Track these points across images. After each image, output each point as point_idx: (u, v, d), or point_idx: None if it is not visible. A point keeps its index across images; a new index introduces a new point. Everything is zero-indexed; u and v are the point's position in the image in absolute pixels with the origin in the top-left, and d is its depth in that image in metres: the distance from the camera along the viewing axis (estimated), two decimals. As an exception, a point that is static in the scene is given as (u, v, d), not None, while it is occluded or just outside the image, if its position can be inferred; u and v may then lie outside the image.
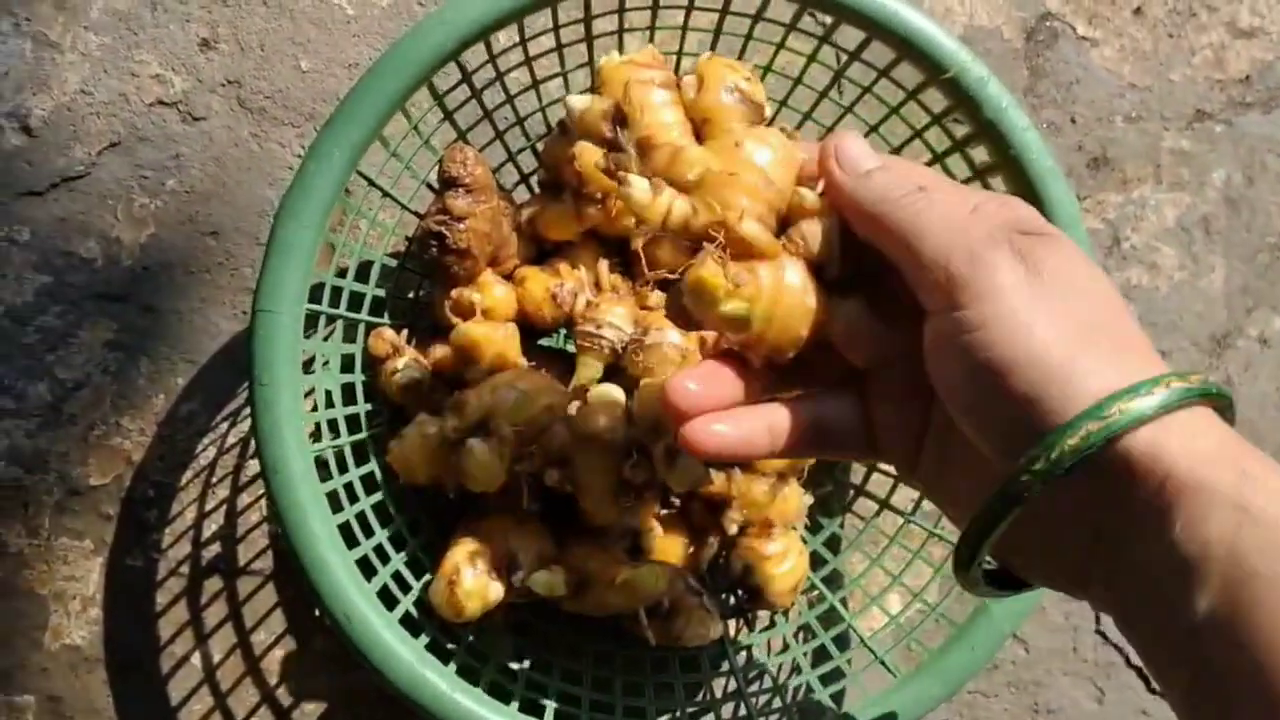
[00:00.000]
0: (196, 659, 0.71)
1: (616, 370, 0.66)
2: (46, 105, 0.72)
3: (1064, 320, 0.36)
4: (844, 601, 0.69)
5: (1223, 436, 0.35)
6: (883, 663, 0.64)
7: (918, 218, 0.39)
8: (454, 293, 0.64)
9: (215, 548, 0.72)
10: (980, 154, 0.61)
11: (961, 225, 0.39)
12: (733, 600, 0.71)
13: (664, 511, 0.68)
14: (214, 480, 0.72)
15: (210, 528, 0.72)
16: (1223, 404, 0.36)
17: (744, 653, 0.72)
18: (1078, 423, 0.34)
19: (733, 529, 0.65)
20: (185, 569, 0.71)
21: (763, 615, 0.71)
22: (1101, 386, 0.34)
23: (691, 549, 0.67)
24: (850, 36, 0.60)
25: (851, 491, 0.72)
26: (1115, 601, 0.36)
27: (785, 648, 0.69)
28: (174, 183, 0.72)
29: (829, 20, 0.59)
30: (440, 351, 0.65)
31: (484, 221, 0.61)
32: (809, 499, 0.68)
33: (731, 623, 0.72)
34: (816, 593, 0.70)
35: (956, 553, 0.39)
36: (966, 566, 0.38)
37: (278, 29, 0.74)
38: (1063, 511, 0.36)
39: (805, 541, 0.70)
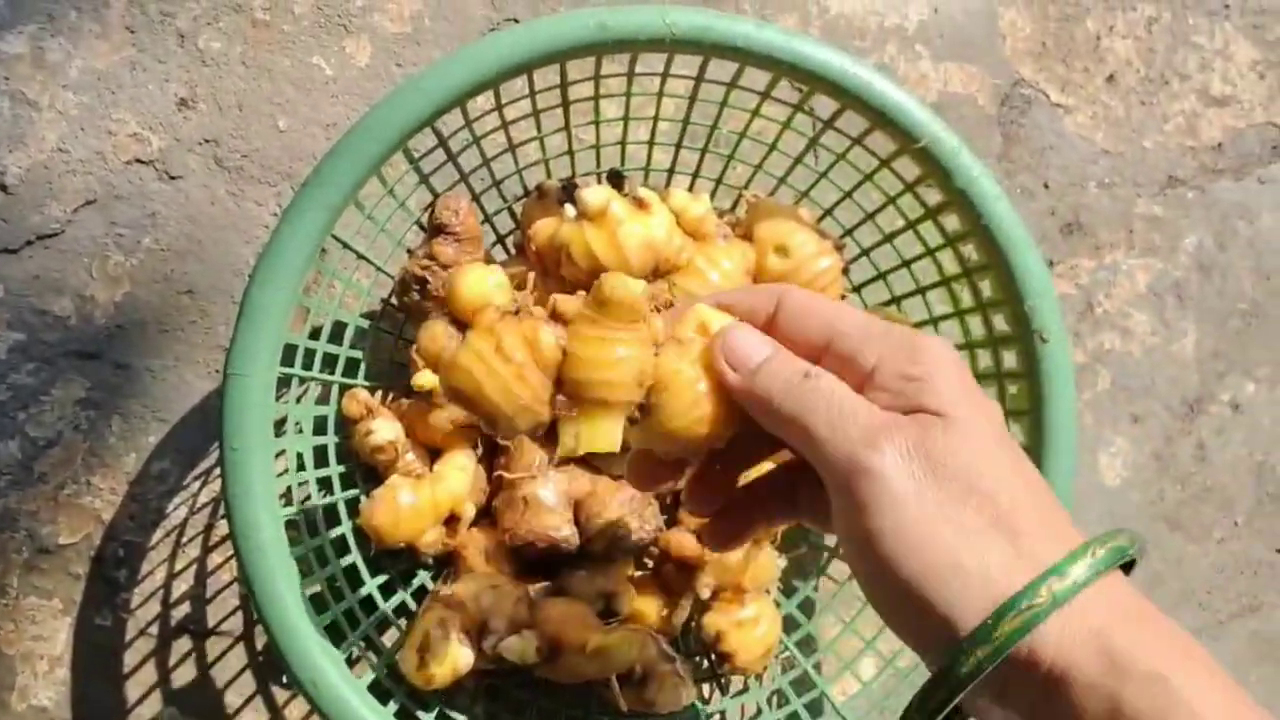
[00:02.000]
0: (164, 721, 0.70)
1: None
2: (23, 163, 0.72)
3: (964, 520, 0.36)
4: (817, 667, 0.69)
5: (1103, 620, 0.34)
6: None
7: (806, 412, 0.38)
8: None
9: (185, 608, 0.71)
10: (952, 222, 0.61)
11: (849, 418, 0.38)
12: (705, 664, 0.71)
13: (638, 574, 0.68)
14: (184, 540, 0.71)
15: (180, 588, 0.71)
16: (1132, 558, 0.37)
17: (717, 717, 0.71)
18: (978, 638, 0.34)
19: (705, 593, 0.65)
20: (155, 629, 0.71)
21: (736, 680, 0.71)
22: (1000, 592, 0.35)
23: (665, 611, 0.67)
24: (825, 104, 0.60)
25: (825, 554, 0.72)
26: None
27: (758, 713, 0.68)
28: (150, 241, 0.72)
29: (803, 88, 0.60)
30: (409, 404, 0.65)
31: (468, 273, 0.62)
32: (783, 562, 0.68)
33: (705, 687, 0.71)
34: (789, 655, 0.70)
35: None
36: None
37: (256, 89, 0.74)
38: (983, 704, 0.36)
39: (779, 604, 0.70)
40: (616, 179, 0.69)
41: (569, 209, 0.60)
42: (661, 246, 0.59)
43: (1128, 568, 0.37)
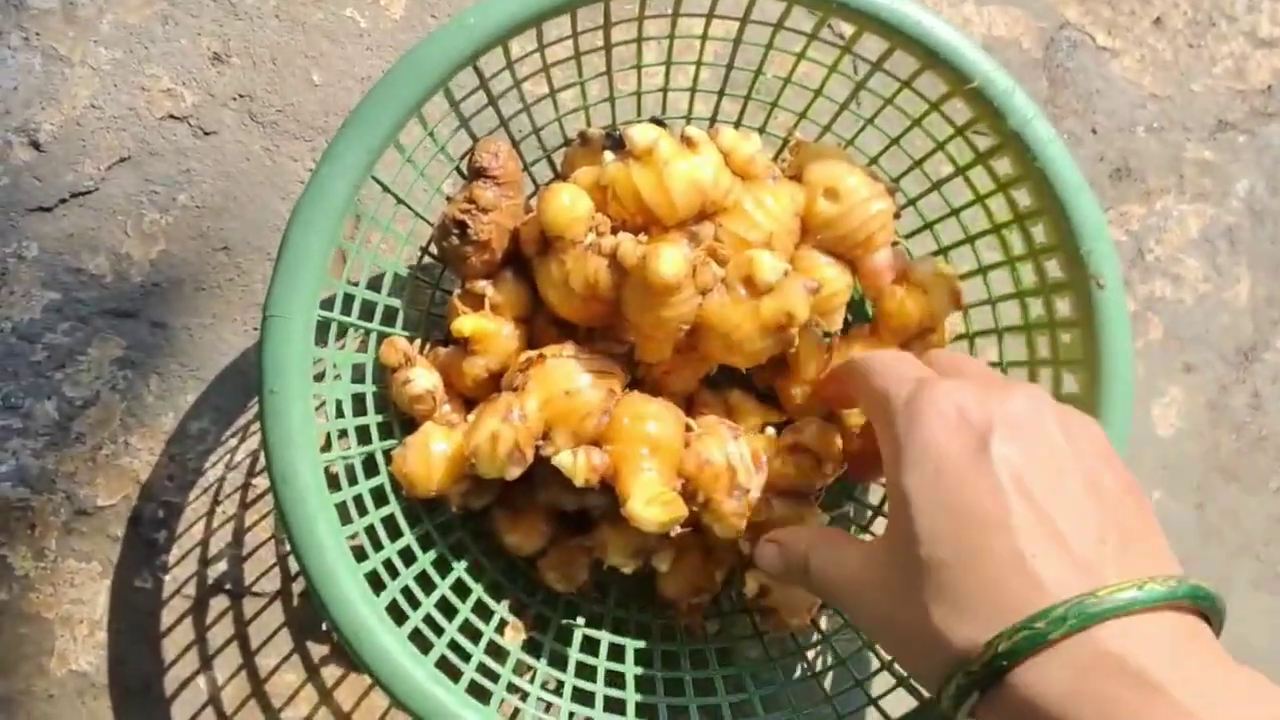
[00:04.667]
0: (204, 683, 0.70)
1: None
2: (56, 120, 0.71)
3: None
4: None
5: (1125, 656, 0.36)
6: (904, 686, 0.62)
7: (827, 572, 0.48)
8: (467, 285, 0.63)
9: (222, 566, 0.70)
10: (1004, 166, 0.60)
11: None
12: (750, 621, 0.70)
13: (678, 530, 0.67)
14: (222, 498, 0.71)
15: (217, 546, 0.70)
16: (1196, 604, 0.38)
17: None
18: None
19: (748, 548, 0.64)
20: (193, 590, 0.70)
21: (779, 638, 0.70)
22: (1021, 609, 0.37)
23: (706, 568, 0.66)
24: (871, 47, 0.59)
25: (870, 512, 0.71)
26: None
27: (803, 672, 0.67)
28: (185, 197, 0.72)
29: (850, 30, 0.59)
30: (446, 353, 0.64)
31: (508, 217, 0.61)
32: (825, 519, 0.66)
33: (750, 648, 0.70)
34: (833, 612, 0.69)
35: None
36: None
37: (290, 43, 0.73)
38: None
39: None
40: (657, 127, 0.68)
41: (608, 155, 0.59)
42: (708, 187, 0.58)
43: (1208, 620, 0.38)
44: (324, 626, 0.70)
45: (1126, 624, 0.36)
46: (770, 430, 0.65)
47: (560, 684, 0.64)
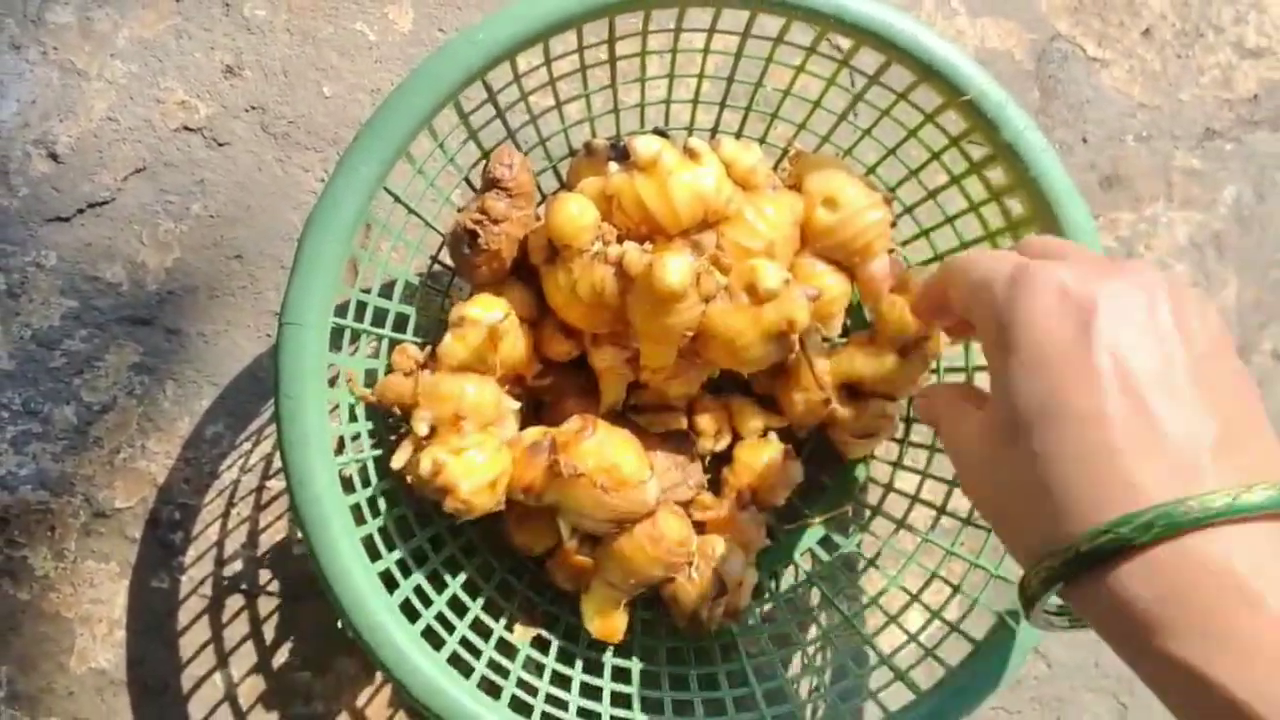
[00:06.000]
0: (221, 681, 0.71)
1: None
2: (73, 132, 0.73)
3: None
4: (861, 620, 0.69)
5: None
6: (903, 680, 0.63)
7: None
8: (476, 296, 0.65)
9: (238, 567, 0.72)
10: (997, 175, 0.61)
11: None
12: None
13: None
14: (236, 500, 0.72)
15: (232, 548, 0.72)
16: None
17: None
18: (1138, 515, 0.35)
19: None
20: (209, 590, 0.72)
21: (781, 633, 0.71)
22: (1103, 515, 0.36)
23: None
24: (868, 61, 0.60)
25: (868, 512, 0.73)
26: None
27: (804, 665, 0.69)
28: (199, 207, 0.73)
29: (847, 44, 0.60)
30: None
31: (519, 227, 0.62)
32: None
33: (752, 643, 0.72)
34: (831, 610, 0.70)
35: (1020, 596, 0.41)
36: (1027, 613, 0.41)
37: (301, 55, 0.75)
38: (1118, 597, 0.36)
39: (823, 562, 0.69)
40: (661, 138, 0.69)
41: (613, 166, 0.61)
42: (710, 197, 0.59)
43: None
44: (338, 625, 0.71)
45: (1222, 532, 0.34)
46: (773, 435, 0.67)
47: (569, 680, 0.65)
